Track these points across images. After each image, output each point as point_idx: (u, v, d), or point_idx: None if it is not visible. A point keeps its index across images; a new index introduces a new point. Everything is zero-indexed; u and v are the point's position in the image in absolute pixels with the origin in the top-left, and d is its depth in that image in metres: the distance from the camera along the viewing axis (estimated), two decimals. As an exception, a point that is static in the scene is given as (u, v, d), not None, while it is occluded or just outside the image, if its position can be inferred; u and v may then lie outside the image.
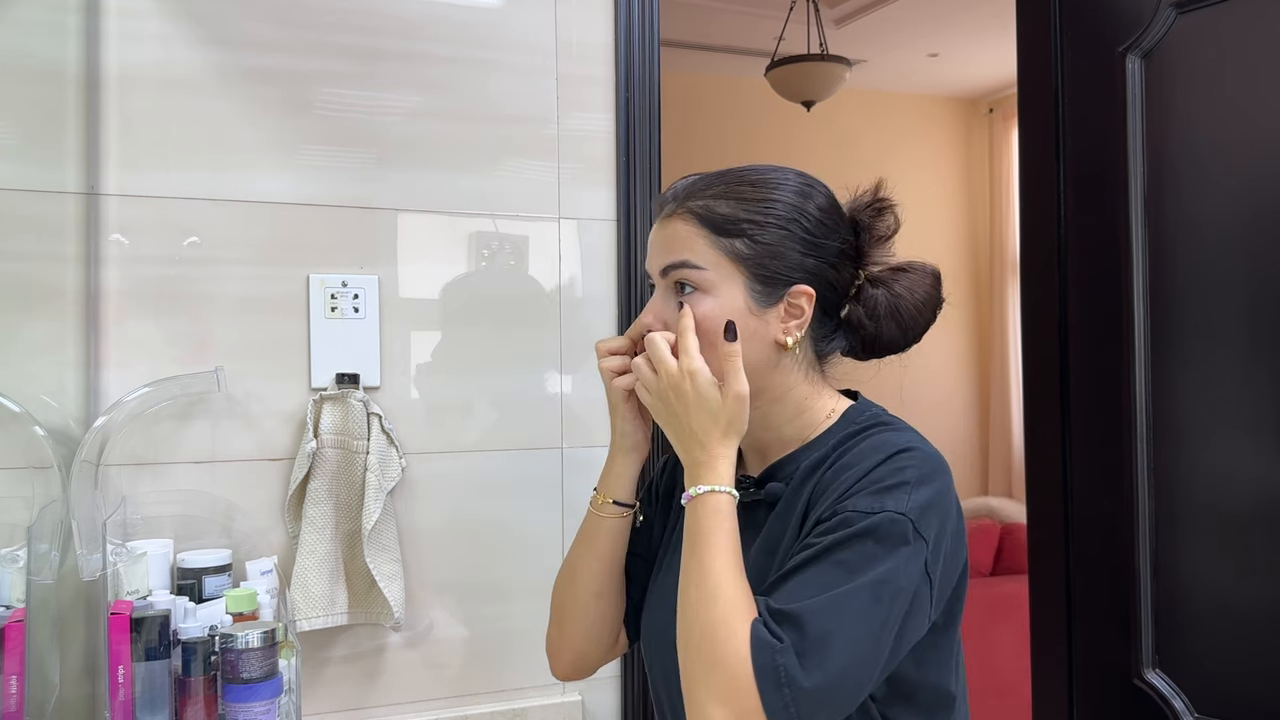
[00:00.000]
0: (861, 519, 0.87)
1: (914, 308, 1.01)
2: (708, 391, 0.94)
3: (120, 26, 1.36)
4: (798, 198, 0.99)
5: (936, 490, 0.90)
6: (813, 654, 0.83)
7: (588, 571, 1.09)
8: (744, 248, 0.96)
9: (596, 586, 1.09)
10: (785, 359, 0.99)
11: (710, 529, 0.92)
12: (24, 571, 1.15)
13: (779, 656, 0.83)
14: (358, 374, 1.44)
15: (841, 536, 0.87)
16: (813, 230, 0.98)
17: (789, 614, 0.85)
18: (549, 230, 1.58)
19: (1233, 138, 1.52)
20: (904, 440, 0.94)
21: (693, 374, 0.94)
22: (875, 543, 0.86)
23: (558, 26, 1.59)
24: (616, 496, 1.08)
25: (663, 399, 0.96)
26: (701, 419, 0.94)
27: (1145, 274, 1.61)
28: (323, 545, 1.40)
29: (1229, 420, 1.53)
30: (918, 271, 1.03)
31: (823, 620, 0.84)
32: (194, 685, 1.19)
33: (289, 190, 1.45)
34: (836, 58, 4.00)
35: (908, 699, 0.94)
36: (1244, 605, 1.51)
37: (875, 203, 1.03)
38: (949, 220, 5.75)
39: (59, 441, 1.24)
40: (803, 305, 0.98)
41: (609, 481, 1.09)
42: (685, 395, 0.94)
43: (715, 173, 1.02)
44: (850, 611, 0.84)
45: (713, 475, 0.94)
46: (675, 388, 0.95)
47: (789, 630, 0.84)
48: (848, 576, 0.85)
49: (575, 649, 1.12)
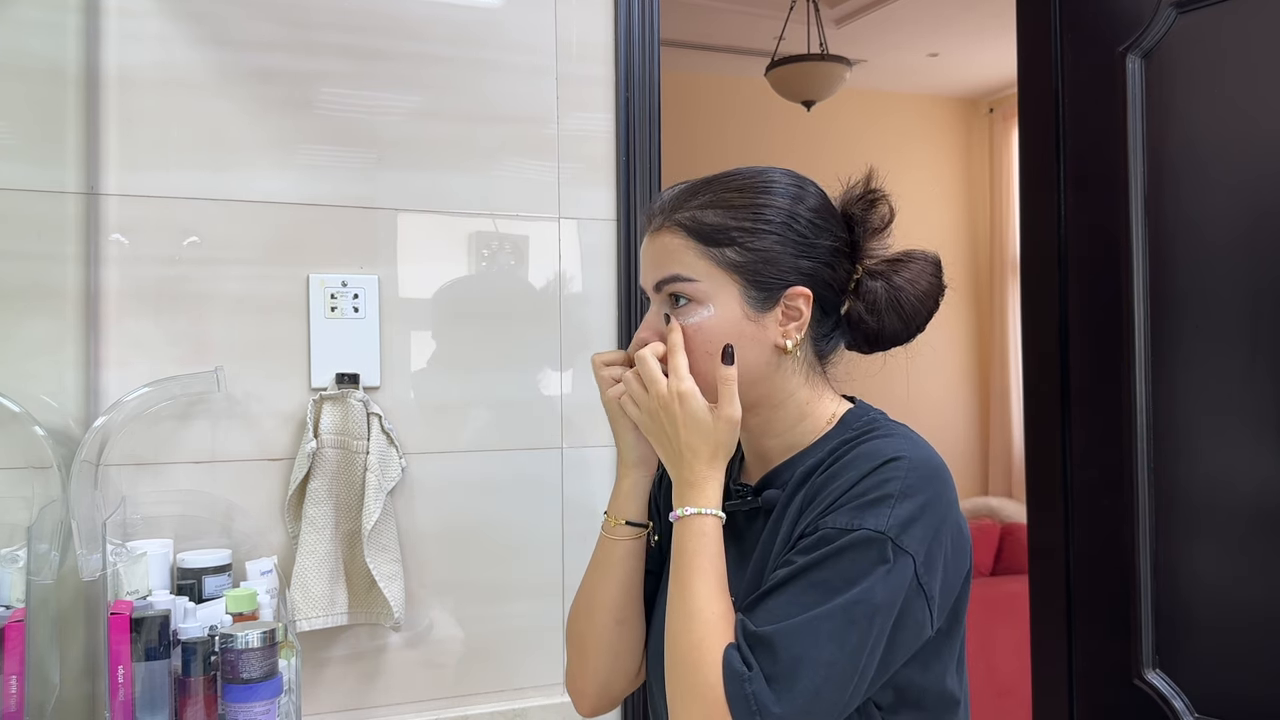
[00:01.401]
0: (839, 536, 0.87)
1: (915, 298, 0.99)
2: (698, 413, 0.93)
3: (120, 26, 1.36)
4: (787, 200, 0.97)
5: (924, 501, 0.89)
6: (784, 680, 0.83)
7: (607, 599, 1.05)
8: (735, 255, 0.95)
9: (618, 614, 1.05)
10: (786, 363, 0.98)
11: (695, 551, 0.92)
12: (24, 571, 1.15)
13: (748, 685, 0.83)
14: (358, 374, 1.44)
15: (818, 556, 0.87)
16: (805, 232, 0.96)
17: (762, 638, 0.85)
18: (549, 230, 1.58)
19: (1233, 138, 1.52)
20: (893, 449, 0.91)
21: (682, 395, 0.93)
22: (851, 562, 0.86)
23: (557, 26, 1.59)
24: (629, 517, 1.04)
25: (653, 417, 0.96)
26: (691, 440, 0.94)
27: (1145, 274, 1.61)
28: (323, 545, 1.39)
29: (1229, 420, 1.53)
30: (917, 261, 1.00)
31: (794, 645, 0.84)
32: (194, 685, 1.19)
33: (289, 190, 1.44)
34: (836, 58, 4.00)
35: (913, 704, 0.94)
36: (1244, 605, 1.51)
37: (867, 195, 1.00)
38: (949, 220, 5.75)
39: (59, 441, 1.24)
40: (800, 307, 0.97)
41: (619, 502, 1.05)
42: (675, 416, 0.94)
43: (702, 180, 1.00)
44: (822, 635, 0.84)
45: (700, 497, 0.93)
46: (665, 408, 0.94)
47: (761, 655, 0.84)
48: (822, 598, 0.85)
49: (599, 682, 1.07)
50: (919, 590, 0.88)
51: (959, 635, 0.96)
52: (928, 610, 0.89)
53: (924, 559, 0.88)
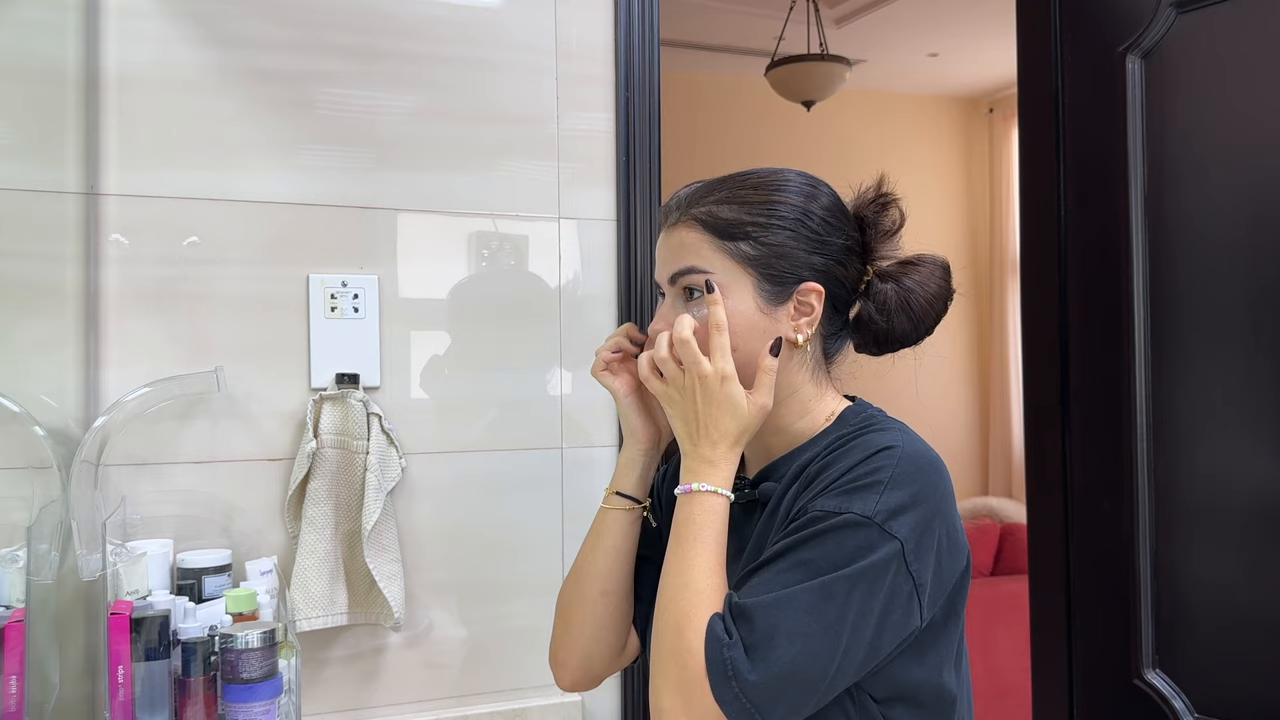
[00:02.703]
0: (826, 519, 0.89)
1: (925, 300, 1.02)
2: (736, 396, 0.95)
3: (120, 26, 1.36)
4: (801, 198, 1.00)
5: (915, 490, 0.90)
6: (759, 648, 0.85)
7: (593, 568, 1.08)
8: (750, 249, 0.98)
9: (603, 584, 1.08)
10: (795, 357, 1.01)
11: (701, 524, 0.94)
12: (24, 571, 1.15)
13: (726, 650, 0.85)
14: (357, 374, 1.44)
15: (803, 536, 0.89)
16: (817, 228, 0.99)
17: (743, 609, 0.87)
18: (549, 230, 1.58)
19: (1233, 137, 1.52)
20: (887, 440, 0.94)
21: (725, 378, 0.95)
22: (837, 544, 0.88)
23: (558, 26, 1.59)
24: (621, 488, 1.08)
25: (684, 394, 0.97)
26: (723, 421, 0.95)
27: (1145, 274, 1.61)
28: (322, 545, 1.40)
29: (1229, 420, 1.53)
30: (927, 264, 1.03)
31: (771, 616, 0.86)
32: (194, 685, 1.19)
33: (289, 190, 1.44)
34: (836, 57, 4.00)
35: (909, 699, 0.94)
36: (1244, 605, 1.51)
37: (879, 198, 1.03)
38: (949, 220, 5.75)
39: (59, 441, 1.24)
40: (812, 302, 0.99)
41: (617, 473, 1.09)
42: (713, 395, 0.95)
43: (718, 179, 1.03)
44: (799, 608, 0.86)
45: (717, 476, 0.95)
46: (706, 387, 0.96)
47: (741, 625, 0.86)
48: (804, 575, 0.87)
49: (581, 652, 1.09)
50: (907, 575, 0.89)
51: (956, 631, 0.97)
52: (916, 598, 0.90)
53: (914, 546, 0.89)
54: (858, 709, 0.92)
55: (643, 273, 1.61)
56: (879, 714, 0.93)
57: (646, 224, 1.61)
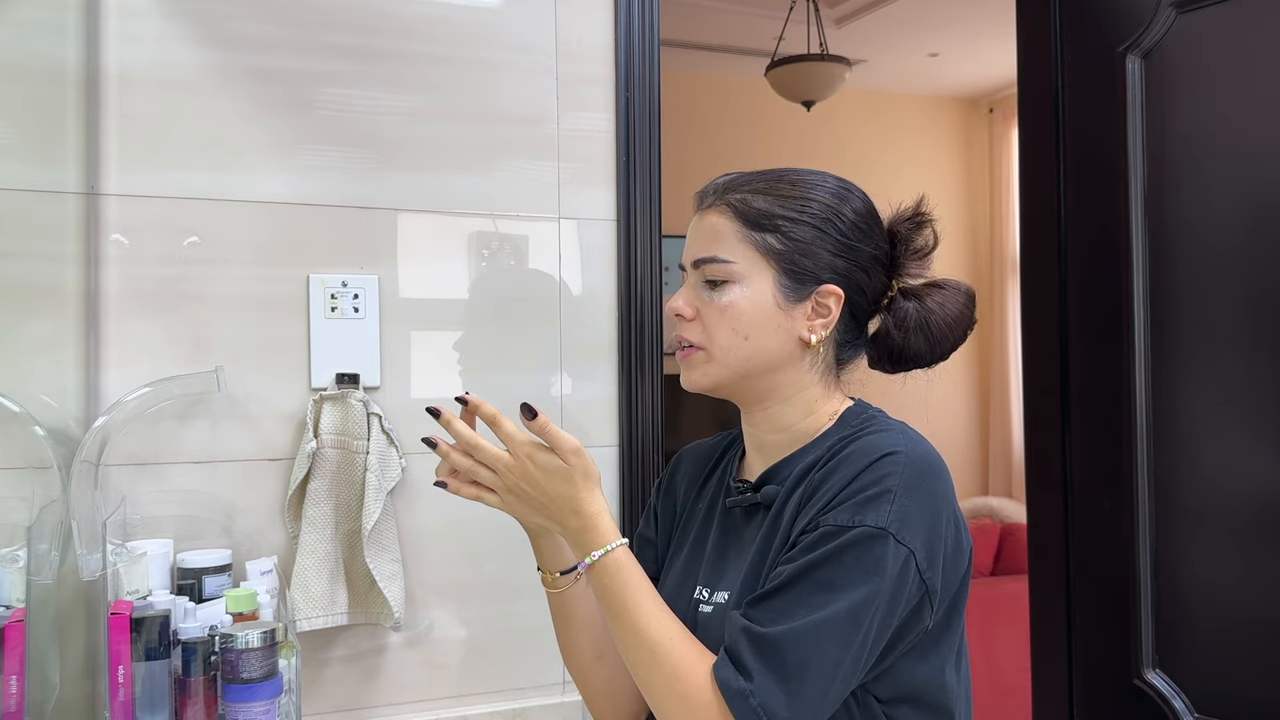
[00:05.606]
0: (841, 533, 0.88)
1: (944, 324, 1.03)
2: (548, 461, 0.94)
3: (120, 26, 1.36)
4: (834, 199, 1.00)
5: (923, 495, 0.90)
6: (793, 682, 0.84)
7: (575, 645, 1.08)
8: (776, 242, 0.98)
9: (592, 652, 1.08)
10: (806, 357, 1.00)
11: (622, 586, 0.92)
12: (24, 571, 1.15)
13: (753, 699, 0.84)
14: (358, 374, 1.44)
15: (821, 555, 0.88)
16: (846, 232, 1.00)
17: (770, 640, 0.86)
18: (549, 230, 1.58)
19: (1233, 137, 1.52)
20: (890, 443, 0.93)
21: (529, 454, 0.94)
22: (856, 559, 0.87)
23: (558, 26, 1.59)
24: (561, 568, 1.04)
25: (515, 492, 0.95)
26: (559, 488, 0.94)
27: (1145, 274, 1.61)
28: (323, 545, 1.39)
29: (1229, 420, 1.53)
30: (952, 289, 1.04)
31: (802, 648, 0.85)
32: (194, 685, 1.19)
33: (289, 190, 1.44)
34: (836, 58, 4.00)
35: (911, 698, 0.95)
36: (1244, 605, 1.51)
37: (915, 216, 1.05)
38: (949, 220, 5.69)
39: (59, 441, 1.24)
40: (830, 305, 0.99)
41: (544, 560, 1.05)
42: (532, 476, 0.94)
43: (756, 171, 1.04)
44: (829, 638, 0.85)
45: (599, 537, 0.94)
46: (522, 474, 0.94)
47: (769, 659, 0.85)
48: (828, 598, 0.86)
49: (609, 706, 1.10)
50: (920, 583, 0.89)
51: (957, 628, 0.97)
52: (929, 603, 0.90)
53: (926, 554, 0.89)
54: (861, 710, 0.93)
55: (643, 273, 1.61)
56: (882, 714, 0.93)
57: (646, 224, 1.61)
